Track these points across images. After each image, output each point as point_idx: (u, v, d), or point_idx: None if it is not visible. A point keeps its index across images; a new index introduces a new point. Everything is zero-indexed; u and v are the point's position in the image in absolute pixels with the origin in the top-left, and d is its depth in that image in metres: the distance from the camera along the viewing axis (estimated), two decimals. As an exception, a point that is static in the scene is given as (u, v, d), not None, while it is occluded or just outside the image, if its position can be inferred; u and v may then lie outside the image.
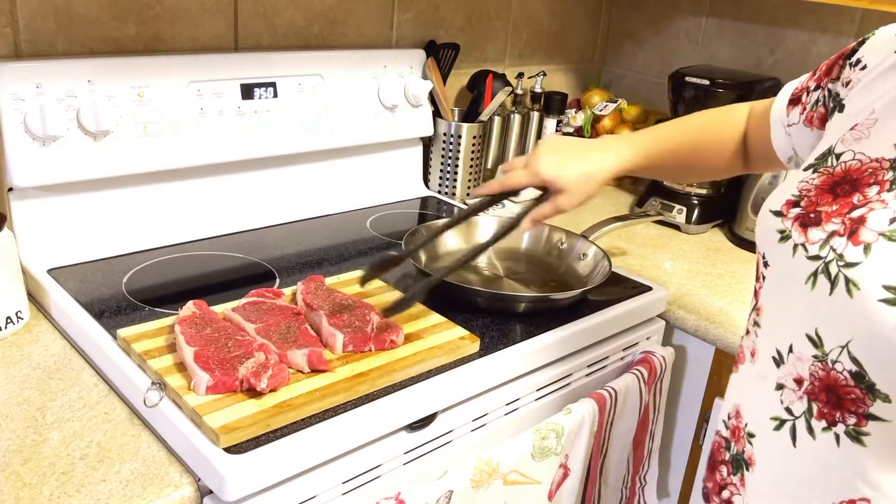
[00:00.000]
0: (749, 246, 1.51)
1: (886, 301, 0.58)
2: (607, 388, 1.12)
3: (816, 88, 0.83)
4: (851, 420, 0.63)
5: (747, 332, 0.77)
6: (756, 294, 0.75)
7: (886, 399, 0.61)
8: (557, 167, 0.93)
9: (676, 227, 1.59)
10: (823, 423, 0.65)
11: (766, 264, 0.71)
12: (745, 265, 1.44)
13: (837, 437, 0.65)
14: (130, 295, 1.07)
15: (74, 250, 1.16)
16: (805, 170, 0.72)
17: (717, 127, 0.99)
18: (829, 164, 0.70)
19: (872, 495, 0.64)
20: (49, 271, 1.11)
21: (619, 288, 1.23)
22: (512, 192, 1.00)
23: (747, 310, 1.23)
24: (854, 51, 0.78)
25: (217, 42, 1.33)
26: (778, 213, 0.70)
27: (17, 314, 1.00)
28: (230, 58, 1.28)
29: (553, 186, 0.95)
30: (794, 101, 0.87)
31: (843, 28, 1.61)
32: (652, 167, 1.00)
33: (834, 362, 0.63)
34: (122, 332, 0.92)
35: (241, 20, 1.34)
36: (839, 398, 0.63)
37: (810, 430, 0.66)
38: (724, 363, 1.25)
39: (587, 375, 1.16)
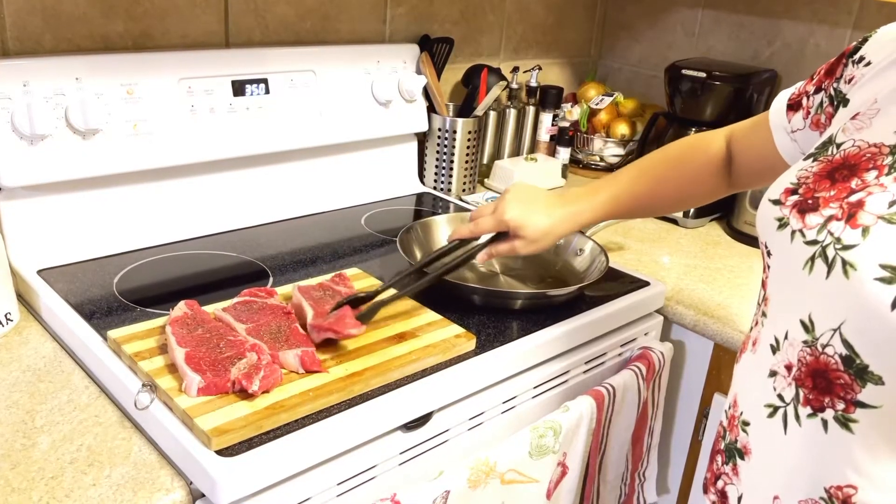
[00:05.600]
0: (747, 240, 1.50)
1: (882, 279, 0.59)
2: (605, 385, 1.11)
3: (818, 91, 0.82)
4: (840, 406, 0.64)
5: (756, 323, 0.77)
6: (763, 284, 0.75)
7: (879, 381, 0.61)
8: (522, 216, 1.00)
9: (674, 221, 1.58)
10: (809, 410, 0.66)
11: (768, 254, 0.72)
12: (743, 259, 1.43)
13: (825, 423, 0.65)
14: (121, 295, 1.06)
15: (64, 251, 1.14)
16: (805, 159, 0.73)
17: (684, 163, 1.01)
18: (830, 152, 0.70)
19: (860, 482, 0.64)
20: (39, 272, 1.09)
21: (617, 283, 1.22)
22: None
23: (746, 304, 1.23)
24: (857, 49, 0.78)
25: (207, 38, 1.31)
26: (776, 202, 0.71)
27: (6, 316, 0.99)
28: (221, 54, 1.26)
29: (514, 232, 1.01)
30: (794, 106, 0.87)
31: (840, 19, 1.60)
32: (618, 217, 1.06)
33: (824, 346, 0.64)
34: (113, 333, 0.91)
35: (231, 16, 1.33)
36: (829, 383, 0.64)
37: (797, 416, 0.67)
38: (724, 358, 1.24)
39: (585, 372, 1.15)
